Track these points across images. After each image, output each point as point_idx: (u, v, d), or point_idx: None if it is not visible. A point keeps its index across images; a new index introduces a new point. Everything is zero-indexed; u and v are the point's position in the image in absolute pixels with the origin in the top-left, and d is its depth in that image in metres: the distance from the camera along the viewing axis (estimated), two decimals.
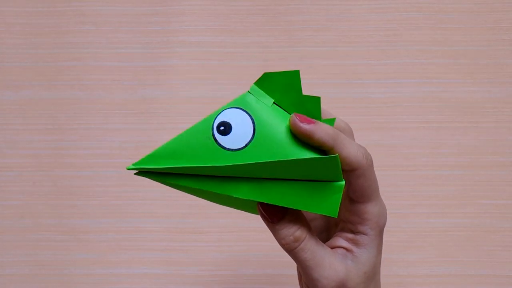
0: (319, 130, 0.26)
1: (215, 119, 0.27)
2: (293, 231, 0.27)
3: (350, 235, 0.29)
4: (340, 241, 0.29)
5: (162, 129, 0.51)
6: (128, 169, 0.26)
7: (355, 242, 0.29)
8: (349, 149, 0.27)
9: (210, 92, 0.51)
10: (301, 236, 0.27)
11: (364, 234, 0.29)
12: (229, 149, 0.27)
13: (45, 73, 0.52)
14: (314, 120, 0.27)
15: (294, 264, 0.51)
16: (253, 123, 0.27)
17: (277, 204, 0.27)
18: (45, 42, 0.52)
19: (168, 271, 0.50)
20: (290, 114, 0.28)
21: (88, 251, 0.50)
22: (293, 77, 0.28)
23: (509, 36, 0.52)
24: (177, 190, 0.51)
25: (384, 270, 0.49)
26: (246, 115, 0.28)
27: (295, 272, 0.51)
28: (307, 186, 0.27)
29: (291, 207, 0.27)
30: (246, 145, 0.27)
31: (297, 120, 0.26)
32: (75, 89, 0.52)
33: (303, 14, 0.52)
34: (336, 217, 0.27)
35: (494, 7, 0.52)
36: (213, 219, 0.50)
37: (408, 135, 0.51)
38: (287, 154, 0.27)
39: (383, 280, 0.49)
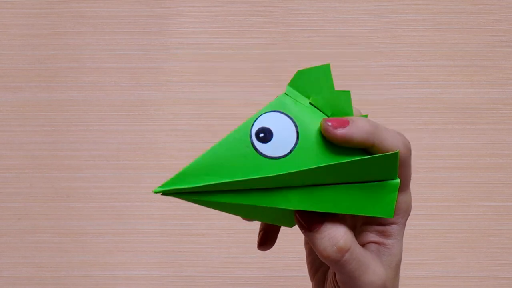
0: (355, 132, 0.24)
1: (252, 125, 0.24)
2: (335, 241, 0.24)
3: (379, 227, 0.27)
4: (368, 235, 0.28)
5: (160, 131, 0.51)
6: (155, 192, 0.22)
7: (384, 234, 0.27)
8: (389, 142, 0.25)
9: (207, 94, 0.51)
10: (346, 246, 0.24)
11: (394, 224, 0.27)
12: (271, 157, 0.24)
13: (43, 74, 0.52)
14: (347, 119, 0.24)
15: (292, 266, 0.51)
16: (296, 126, 0.25)
17: (331, 212, 0.24)
18: (43, 44, 0.52)
19: (166, 273, 0.50)
20: (326, 114, 0.26)
21: (86, 253, 0.50)
22: (325, 72, 0.26)
23: (507, 38, 0.52)
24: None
25: None
26: (288, 118, 0.25)
27: (294, 274, 0.51)
28: (359, 188, 0.24)
29: (344, 212, 0.24)
30: (290, 151, 0.24)
31: (330, 127, 0.24)
32: (73, 90, 0.52)
33: (301, 15, 0.52)
34: (392, 217, 0.25)
35: (492, 8, 0.52)
36: (211, 221, 0.50)
37: (406, 137, 0.51)
38: (336, 157, 0.24)
39: None
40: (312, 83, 0.26)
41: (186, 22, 0.52)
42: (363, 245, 0.27)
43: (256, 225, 0.35)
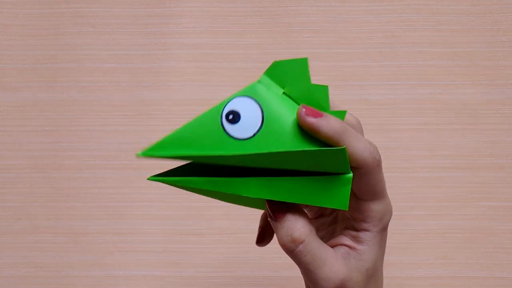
0: (325, 124, 0.25)
1: (224, 107, 0.27)
2: (291, 232, 0.26)
3: (353, 232, 0.29)
4: (343, 238, 0.29)
5: (160, 131, 0.51)
6: (138, 156, 0.26)
7: (357, 240, 0.28)
8: (355, 147, 0.26)
9: (207, 94, 0.51)
10: (300, 238, 0.26)
11: (366, 231, 0.28)
12: (236, 138, 0.26)
13: (43, 74, 0.52)
14: (322, 113, 0.26)
15: (291, 266, 0.51)
16: (262, 112, 0.27)
17: (286, 201, 0.26)
18: (43, 44, 0.52)
19: (166, 273, 0.50)
20: (298, 104, 0.27)
21: (86, 253, 0.50)
22: (302, 65, 0.27)
23: (507, 38, 0.52)
24: (176, 192, 0.51)
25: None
26: (256, 104, 0.27)
27: (292, 274, 0.51)
28: (315, 180, 0.26)
29: (301, 203, 0.26)
30: (254, 135, 0.26)
31: (303, 113, 0.25)
32: (73, 90, 0.52)
33: (301, 16, 0.52)
34: (347, 209, 0.27)
35: (492, 8, 0.52)
36: (211, 221, 0.50)
37: (406, 137, 0.51)
38: (294, 145, 0.26)
39: None
40: (288, 75, 0.28)
41: (186, 22, 0.52)
42: (334, 246, 0.29)
43: (256, 226, 0.35)
